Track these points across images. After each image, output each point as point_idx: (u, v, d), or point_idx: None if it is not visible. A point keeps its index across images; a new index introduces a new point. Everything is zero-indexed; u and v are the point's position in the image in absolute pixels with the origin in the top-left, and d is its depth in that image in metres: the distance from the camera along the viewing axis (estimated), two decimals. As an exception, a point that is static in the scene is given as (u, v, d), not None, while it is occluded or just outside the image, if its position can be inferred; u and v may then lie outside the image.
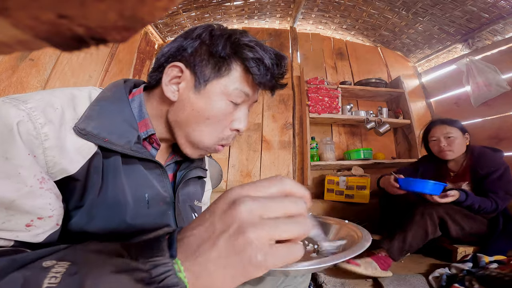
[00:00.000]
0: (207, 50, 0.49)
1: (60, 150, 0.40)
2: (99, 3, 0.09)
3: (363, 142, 2.42)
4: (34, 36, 0.11)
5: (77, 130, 0.43)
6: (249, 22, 2.56)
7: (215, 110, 0.49)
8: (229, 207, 0.25)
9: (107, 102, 0.48)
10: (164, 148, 0.59)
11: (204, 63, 0.49)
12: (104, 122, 0.45)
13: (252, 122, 2.29)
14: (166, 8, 0.11)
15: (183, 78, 0.50)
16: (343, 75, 2.58)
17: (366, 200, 1.92)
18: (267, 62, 0.48)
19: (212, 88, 0.49)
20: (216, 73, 0.49)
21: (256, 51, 0.47)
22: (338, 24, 2.53)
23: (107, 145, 0.45)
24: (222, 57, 0.48)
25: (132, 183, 0.49)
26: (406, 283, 1.13)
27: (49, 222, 0.39)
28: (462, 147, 1.45)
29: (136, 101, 0.53)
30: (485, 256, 1.21)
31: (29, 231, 0.37)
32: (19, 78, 1.32)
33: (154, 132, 0.53)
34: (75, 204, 0.44)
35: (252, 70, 0.48)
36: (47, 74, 1.45)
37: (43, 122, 0.39)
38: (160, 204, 0.53)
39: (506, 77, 1.91)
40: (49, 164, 0.39)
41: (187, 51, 0.49)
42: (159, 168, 0.53)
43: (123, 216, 0.47)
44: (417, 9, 2.08)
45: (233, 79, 0.49)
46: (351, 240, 0.52)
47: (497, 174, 1.35)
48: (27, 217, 0.37)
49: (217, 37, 0.49)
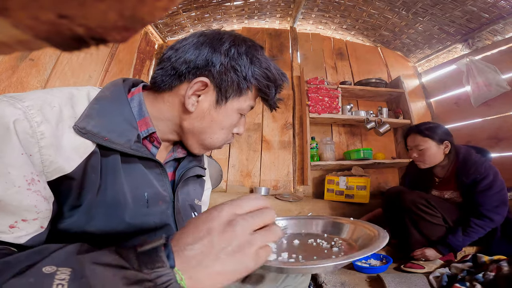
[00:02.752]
0: (233, 70, 0.51)
1: (56, 148, 0.40)
2: (99, 3, 0.09)
3: (363, 142, 2.42)
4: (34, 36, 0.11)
5: (77, 129, 0.43)
6: (249, 22, 2.56)
7: (230, 122, 0.56)
8: (227, 228, 0.32)
9: (107, 101, 0.49)
10: (163, 146, 0.59)
11: (229, 83, 0.52)
12: (104, 121, 0.46)
13: (252, 122, 2.29)
14: (166, 8, 0.11)
15: (205, 92, 0.52)
16: (343, 75, 2.57)
17: (366, 200, 1.92)
18: (277, 86, 0.56)
19: (231, 105, 0.54)
20: (237, 93, 0.53)
21: (271, 77, 0.54)
22: (338, 24, 2.53)
23: (107, 144, 0.45)
24: (246, 80, 0.52)
25: (132, 182, 0.49)
26: (407, 281, 1.13)
27: (33, 225, 0.39)
28: (436, 157, 1.38)
29: (136, 100, 0.53)
30: (485, 256, 1.21)
31: (12, 233, 0.37)
32: (19, 78, 1.32)
33: (154, 131, 0.53)
34: (73, 204, 0.43)
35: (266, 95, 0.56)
36: (47, 74, 1.45)
37: (40, 120, 0.39)
38: (159, 203, 0.53)
39: (506, 77, 1.91)
40: (45, 163, 0.39)
41: (215, 67, 0.50)
42: (158, 167, 0.53)
43: (122, 216, 0.47)
44: (417, 9, 2.08)
45: (248, 98, 0.55)
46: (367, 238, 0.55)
47: (486, 183, 1.26)
48: (12, 218, 0.37)
49: (242, 55, 0.52)
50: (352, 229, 0.63)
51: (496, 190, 1.26)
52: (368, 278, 1.21)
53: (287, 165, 2.24)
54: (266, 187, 2.09)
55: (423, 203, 1.32)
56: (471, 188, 1.30)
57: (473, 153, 1.36)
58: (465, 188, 1.33)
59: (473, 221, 1.25)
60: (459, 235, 1.26)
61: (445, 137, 1.38)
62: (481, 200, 1.26)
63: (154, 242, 0.31)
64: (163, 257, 0.29)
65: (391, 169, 2.41)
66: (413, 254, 1.33)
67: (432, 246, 1.31)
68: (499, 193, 1.26)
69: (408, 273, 1.23)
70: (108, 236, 0.46)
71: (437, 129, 1.39)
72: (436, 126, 1.42)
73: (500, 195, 1.26)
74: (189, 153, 0.63)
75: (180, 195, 0.59)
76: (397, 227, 1.46)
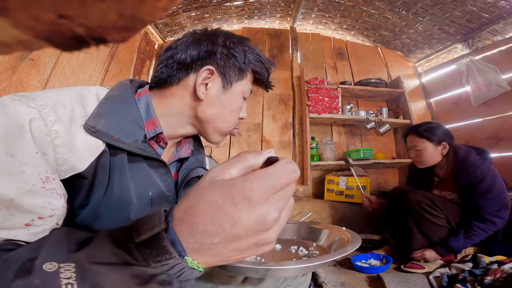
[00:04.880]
0: (233, 57, 0.57)
1: (70, 147, 0.41)
2: (99, 3, 0.09)
3: (363, 142, 2.42)
4: (34, 36, 0.11)
5: (87, 128, 0.43)
6: (249, 22, 2.56)
7: (237, 105, 0.60)
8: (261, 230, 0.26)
9: (115, 101, 0.50)
10: (168, 147, 0.60)
11: (232, 69, 0.57)
12: (112, 121, 0.47)
13: (252, 122, 2.29)
14: (166, 8, 0.11)
15: (212, 80, 0.56)
16: (343, 75, 2.57)
17: (366, 200, 1.92)
18: (267, 68, 0.62)
19: (236, 89, 0.59)
20: (239, 76, 0.59)
21: (263, 61, 0.61)
22: (338, 24, 2.53)
23: (115, 143, 0.46)
24: (245, 64, 0.58)
25: (137, 181, 0.50)
26: (407, 281, 1.13)
27: (50, 222, 0.39)
28: (433, 158, 1.39)
29: (143, 101, 0.55)
30: (485, 256, 1.21)
31: (28, 230, 0.37)
32: (19, 78, 1.31)
33: (161, 131, 0.54)
34: (81, 203, 0.44)
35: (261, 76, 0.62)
36: (47, 74, 1.45)
37: (54, 119, 0.40)
38: (163, 203, 0.54)
39: (506, 77, 1.91)
40: (59, 162, 0.40)
41: (217, 56, 0.56)
42: (163, 167, 0.55)
43: (127, 215, 0.47)
44: (417, 9, 2.08)
45: (248, 81, 0.61)
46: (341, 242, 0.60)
47: (483, 186, 1.25)
48: (28, 216, 0.37)
49: (237, 45, 0.58)
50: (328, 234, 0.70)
51: (496, 193, 1.25)
52: (368, 278, 1.21)
53: (287, 165, 2.23)
54: (266, 187, 2.09)
55: (428, 203, 1.31)
56: (468, 190, 1.29)
57: (472, 154, 1.35)
58: (462, 190, 1.33)
59: (475, 224, 1.24)
60: (461, 237, 1.26)
61: (443, 138, 1.38)
62: (481, 203, 1.25)
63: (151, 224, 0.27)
64: (168, 247, 0.26)
65: (391, 169, 2.41)
66: (412, 255, 1.33)
67: (432, 247, 1.31)
68: (499, 196, 1.25)
69: (408, 273, 1.23)
70: None
71: (436, 130, 1.39)
72: (435, 127, 1.41)
73: (500, 198, 1.25)
74: (193, 153, 0.65)
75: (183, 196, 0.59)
76: (398, 227, 1.46)
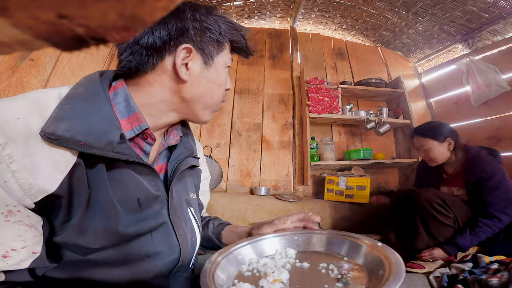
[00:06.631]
0: (207, 30, 0.52)
1: (31, 170, 0.36)
2: (99, 3, 0.09)
3: (363, 142, 2.42)
4: (34, 36, 0.11)
5: (45, 136, 0.37)
6: (249, 22, 2.56)
7: (223, 78, 0.57)
8: None
9: (80, 99, 0.43)
10: (156, 136, 0.56)
11: (210, 42, 0.53)
12: (77, 123, 0.40)
13: (252, 122, 2.29)
14: (166, 8, 0.11)
15: (191, 58, 0.51)
16: (343, 75, 2.57)
17: (366, 200, 1.92)
18: (243, 35, 0.59)
19: (218, 62, 0.55)
20: (218, 49, 0.55)
21: (237, 28, 0.58)
22: (338, 24, 2.53)
23: (83, 149, 0.39)
24: (221, 35, 0.54)
25: (121, 189, 0.45)
26: (407, 281, 1.13)
27: (23, 253, 0.37)
28: (442, 155, 1.42)
29: (121, 95, 0.49)
30: (485, 256, 1.21)
31: (7, 262, 0.36)
32: (19, 78, 1.32)
33: (148, 126, 0.50)
34: (63, 219, 0.41)
35: (240, 43, 0.59)
36: (47, 74, 1.45)
37: (3, 142, 0.35)
38: (152, 205, 0.50)
39: (506, 77, 1.91)
40: (24, 187, 0.36)
41: (190, 32, 0.50)
42: (147, 168, 0.49)
43: (115, 227, 0.44)
44: (417, 9, 2.08)
45: (227, 51, 0.57)
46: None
47: (492, 182, 1.27)
48: (2, 248, 0.36)
49: (207, 16, 0.53)
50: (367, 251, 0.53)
51: (504, 190, 1.26)
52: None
53: (287, 165, 2.24)
54: (266, 187, 2.09)
55: (439, 203, 1.30)
56: (478, 187, 1.31)
57: (483, 152, 1.39)
58: (471, 186, 1.34)
59: (481, 220, 1.25)
60: (467, 235, 1.26)
61: (447, 135, 1.42)
62: (489, 199, 1.26)
63: None
64: None
65: (391, 169, 2.41)
66: (420, 255, 1.31)
67: (439, 246, 1.31)
68: (507, 193, 1.26)
69: (408, 273, 1.23)
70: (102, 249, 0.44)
71: (438, 128, 1.44)
72: (438, 125, 1.46)
73: (508, 195, 1.26)
74: (182, 139, 0.61)
75: (175, 192, 0.55)
76: (402, 228, 1.45)
